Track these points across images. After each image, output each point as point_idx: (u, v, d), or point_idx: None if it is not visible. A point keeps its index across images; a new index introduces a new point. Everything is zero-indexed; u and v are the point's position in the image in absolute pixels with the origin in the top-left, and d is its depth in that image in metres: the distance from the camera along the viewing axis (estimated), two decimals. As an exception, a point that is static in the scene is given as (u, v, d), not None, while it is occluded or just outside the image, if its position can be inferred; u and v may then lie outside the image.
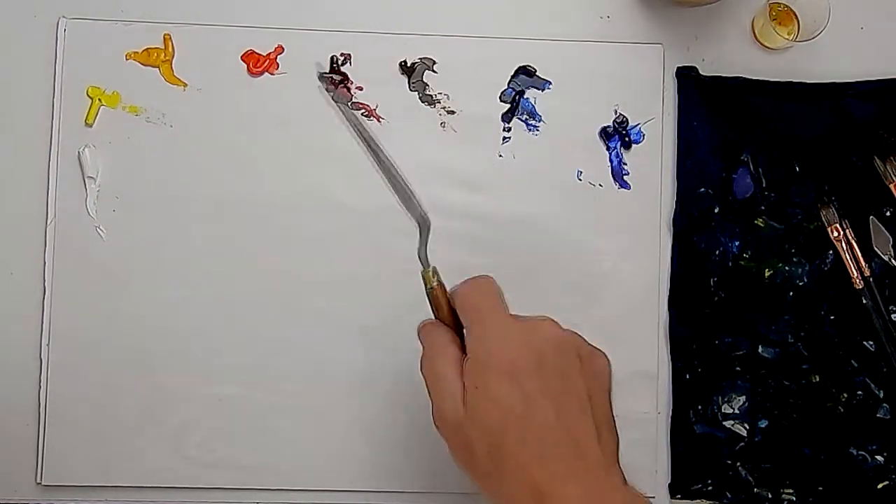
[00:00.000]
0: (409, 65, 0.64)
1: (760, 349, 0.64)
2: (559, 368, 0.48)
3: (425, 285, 0.54)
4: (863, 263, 0.63)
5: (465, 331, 0.50)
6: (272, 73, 0.64)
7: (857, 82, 0.64)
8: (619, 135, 0.64)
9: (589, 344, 0.50)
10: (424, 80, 0.64)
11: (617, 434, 0.49)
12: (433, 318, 0.54)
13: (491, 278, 0.52)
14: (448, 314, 0.53)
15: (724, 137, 0.64)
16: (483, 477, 0.48)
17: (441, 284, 0.53)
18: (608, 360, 0.50)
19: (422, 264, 0.55)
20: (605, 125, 0.64)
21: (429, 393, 0.50)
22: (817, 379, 0.64)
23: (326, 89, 0.59)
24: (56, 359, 0.62)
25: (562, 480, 0.46)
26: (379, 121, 0.64)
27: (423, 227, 0.56)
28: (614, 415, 0.50)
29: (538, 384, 0.47)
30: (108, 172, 0.63)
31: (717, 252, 0.64)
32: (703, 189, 0.64)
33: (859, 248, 0.63)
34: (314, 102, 0.64)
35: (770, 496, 0.63)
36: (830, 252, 0.64)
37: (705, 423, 0.63)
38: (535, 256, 0.64)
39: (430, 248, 0.63)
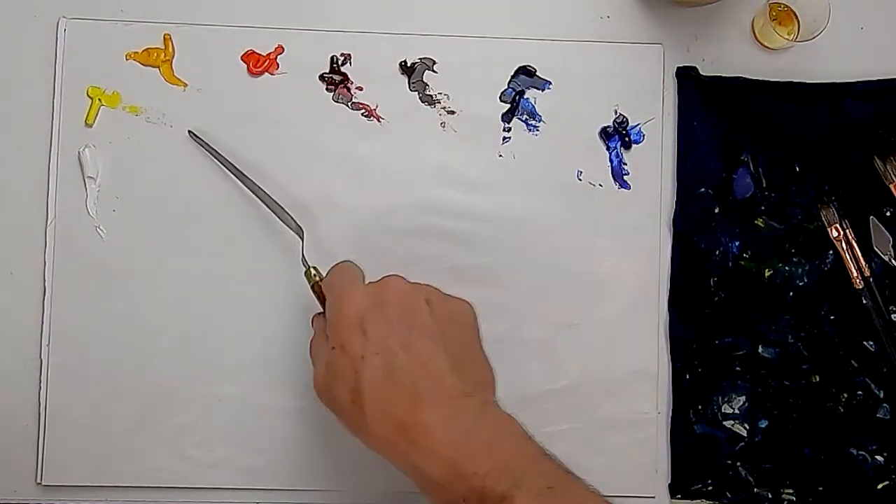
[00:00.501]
0: (409, 65, 0.64)
1: (760, 349, 0.64)
2: (404, 312, 0.51)
3: (308, 282, 0.58)
4: (863, 263, 0.63)
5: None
6: (272, 73, 0.64)
7: (857, 82, 0.64)
8: (619, 135, 0.64)
9: (445, 294, 0.54)
10: (424, 80, 0.64)
11: (488, 367, 0.53)
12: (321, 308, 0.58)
13: (349, 262, 0.56)
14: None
15: (724, 137, 0.64)
16: (357, 429, 0.51)
17: (319, 281, 0.58)
18: (468, 305, 0.54)
19: (304, 265, 0.59)
20: (605, 125, 0.64)
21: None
22: (817, 379, 0.64)
23: None
24: (56, 359, 0.62)
25: (419, 409, 0.49)
26: (379, 121, 0.64)
27: (301, 236, 0.61)
28: (483, 351, 0.54)
29: (383, 328, 0.51)
30: (108, 172, 0.63)
31: (717, 252, 0.64)
32: (703, 189, 0.64)
33: (859, 248, 0.63)
34: (314, 102, 0.64)
35: (770, 496, 0.63)
36: (830, 252, 0.64)
37: (705, 423, 0.63)
38: (535, 256, 0.64)
39: (432, 246, 0.63)
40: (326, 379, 0.52)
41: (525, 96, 0.64)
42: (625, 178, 0.64)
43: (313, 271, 0.58)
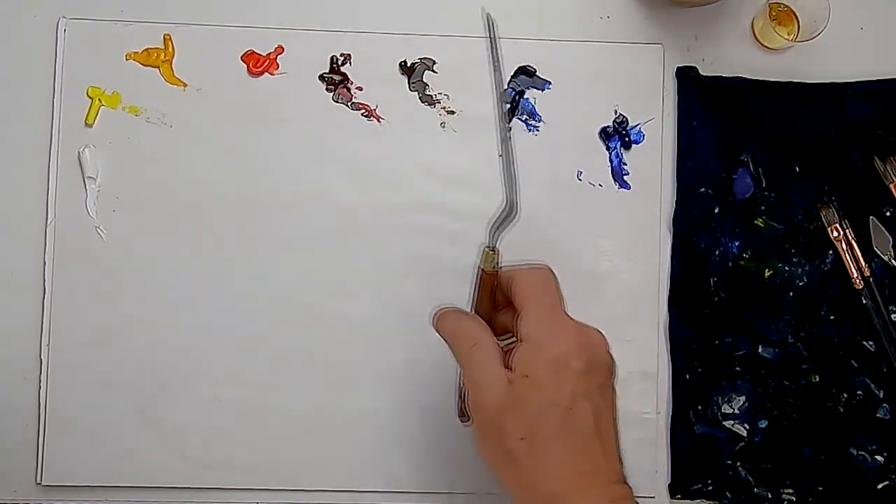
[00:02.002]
0: (409, 65, 0.64)
1: (760, 349, 0.64)
2: (601, 379, 0.50)
3: (481, 263, 0.53)
4: (863, 263, 0.63)
5: (518, 314, 0.51)
6: (272, 73, 0.64)
7: (857, 82, 0.64)
8: (619, 135, 0.64)
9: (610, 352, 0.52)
10: (424, 80, 0.64)
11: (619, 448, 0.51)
12: (471, 296, 0.54)
13: (551, 270, 0.52)
14: (489, 296, 0.54)
15: (724, 137, 0.64)
16: (506, 462, 0.48)
17: (496, 272, 0.53)
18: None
19: (488, 241, 0.54)
20: (605, 125, 0.64)
21: (460, 380, 0.51)
22: (817, 379, 0.64)
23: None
24: (56, 359, 0.62)
25: (578, 489, 0.47)
26: (379, 121, 0.64)
27: (507, 209, 0.54)
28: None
29: (584, 386, 0.48)
30: (108, 172, 0.63)
31: (717, 252, 0.64)
32: (703, 189, 0.64)
33: (859, 248, 0.63)
34: (314, 102, 0.64)
35: (770, 496, 0.63)
36: (830, 252, 0.64)
37: (705, 423, 0.63)
38: (535, 256, 0.64)
39: (432, 246, 0.63)
40: (499, 401, 0.48)
41: (525, 96, 0.64)
42: (625, 178, 0.64)
43: (495, 256, 0.53)
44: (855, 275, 0.63)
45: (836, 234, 0.63)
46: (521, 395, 0.48)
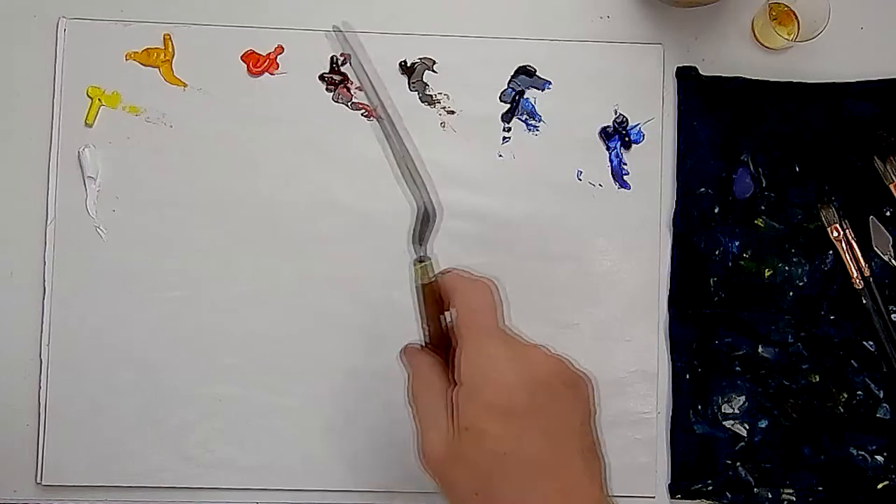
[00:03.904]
0: (409, 65, 0.64)
1: (760, 349, 0.64)
2: (548, 400, 0.46)
3: (417, 278, 0.50)
4: (863, 263, 0.63)
5: (457, 347, 0.47)
6: (272, 73, 0.64)
7: (857, 82, 0.64)
8: (619, 135, 0.64)
9: (572, 368, 0.48)
10: (424, 80, 0.64)
11: (602, 458, 0.47)
12: (418, 319, 0.51)
13: (493, 287, 0.49)
14: (436, 309, 0.50)
15: (724, 137, 0.64)
16: None
17: (436, 280, 0.50)
18: (591, 383, 0.48)
19: (414, 252, 0.51)
20: (605, 125, 0.64)
21: (414, 424, 0.48)
22: (817, 379, 0.64)
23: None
24: (56, 359, 0.62)
25: None
26: (379, 121, 0.64)
27: (422, 214, 0.51)
28: (599, 439, 0.48)
29: (531, 422, 0.45)
30: (108, 172, 0.63)
31: (717, 252, 0.64)
32: (703, 189, 0.64)
33: (859, 248, 0.63)
34: (314, 102, 0.64)
35: (770, 496, 0.63)
36: (830, 252, 0.64)
37: (705, 423, 0.63)
38: (535, 256, 0.64)
39: (431, 247, 0.63)
40: (444, 456, 0.46)
41: (525, 96, 0.64)
42: (625, 178, 0.64)
43: (428, 267, 0.50)
44: (855, 275, 0.63)
45: (836, 234, 0.63)
46: (465, 450, 0.45)
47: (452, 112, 0.64)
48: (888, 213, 0.64)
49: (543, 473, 0.44)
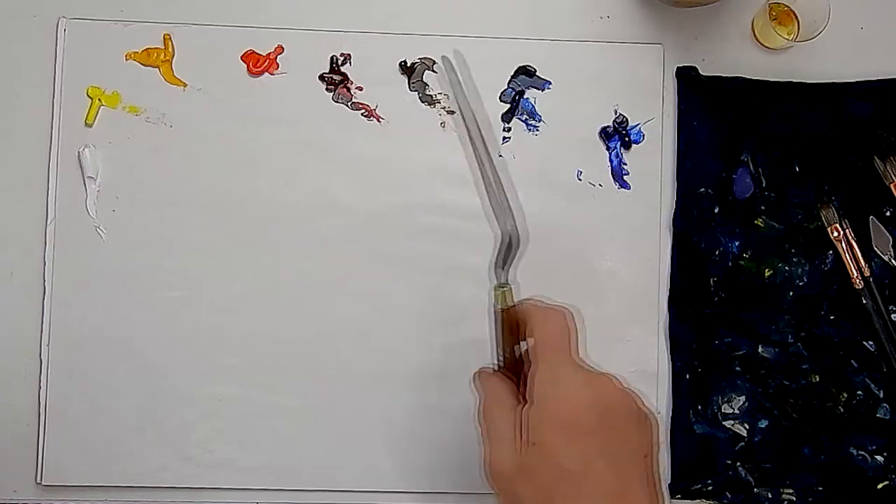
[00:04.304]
0: (409, 65, 0.64)
1: (760, 349, 0.64)
2: (618, 429, 0.47)
3: (497, 303, 0.53)
4: (863, 263, 0.63)
5: (531, 368, 0.49)
6: (272, 73, 0.64)
7: (857, 82, 0.64)
8: (619, 135, 0.64)
9: (640, 403, 0.49)
10: (424, 80, 0.64)
11: (662, 496, 0.48)
12: (492, 342, 0.53)
13: (569, 315, 0.51)
14: (511, 338, 0.53)
15: (724, 137, 0.64)
16: None
17: (514, 306, 0.53)
18: (657, 422, 0.50)
19: (497, 278, 0.54)
20: (605, 125, 0.64)
21: (482, 441, 0.49)
22: (817, 379, 0.64)
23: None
24: (56, 359, 0.62)
25: None
26: (379, 121, 0.64)
27: (507, 241, 0.54)
28: (661, 476, 0.49)
29: (597, 444, 0.46)
30: (108, 172, 0.63)
31: (717, 252, 0.64)
32: (703, 189, 0.64)
33: (859, 248, 0.63)
34: (314, 102, 0.64)
35: (770, 496, 0.63)
36: (830, 252, 0.64)
37: (705, 423, 0.63)
38: (535, 256, 0.64)
39: (432, 246, 0.63)
40: (511, 471, 0.47)
41: (525, 96, 0.64)
42: (625, 178, 0.64)
43: (507, 293, 0.53)
44: (855, 275, 0.63)
45: (836, 234, 0.63)
46: (532, 464, 0.47)
47: (452, 112, 0.64)
48: (888, 213, 0.64)
49: (607, 496, 0.45)
